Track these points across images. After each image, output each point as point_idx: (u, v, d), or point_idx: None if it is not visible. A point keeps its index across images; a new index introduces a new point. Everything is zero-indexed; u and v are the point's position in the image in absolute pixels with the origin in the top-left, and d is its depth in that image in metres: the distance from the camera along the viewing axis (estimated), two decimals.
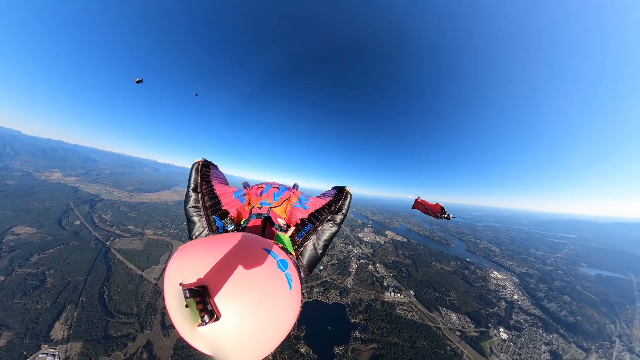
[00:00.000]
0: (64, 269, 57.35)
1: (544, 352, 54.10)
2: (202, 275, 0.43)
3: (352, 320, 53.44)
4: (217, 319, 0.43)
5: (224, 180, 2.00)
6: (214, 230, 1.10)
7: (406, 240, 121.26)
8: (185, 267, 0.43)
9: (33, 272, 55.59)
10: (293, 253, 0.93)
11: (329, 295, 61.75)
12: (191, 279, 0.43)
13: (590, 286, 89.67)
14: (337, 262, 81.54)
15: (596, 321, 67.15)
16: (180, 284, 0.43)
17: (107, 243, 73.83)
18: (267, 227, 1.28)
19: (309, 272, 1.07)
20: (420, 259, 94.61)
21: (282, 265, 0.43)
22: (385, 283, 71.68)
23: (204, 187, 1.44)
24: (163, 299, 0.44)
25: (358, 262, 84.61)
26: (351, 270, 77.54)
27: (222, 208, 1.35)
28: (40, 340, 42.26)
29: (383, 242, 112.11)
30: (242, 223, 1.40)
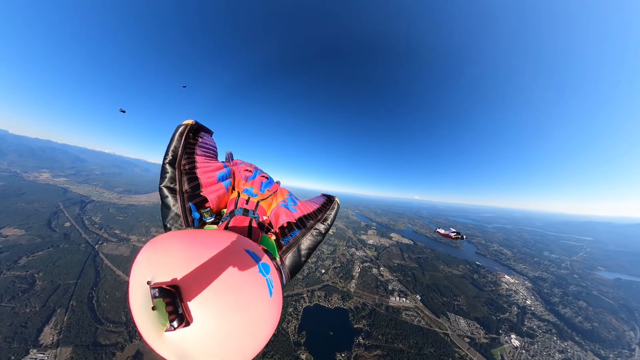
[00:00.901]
0: (53, 272, 57.84)
1: None
2: (175, 274, 0.38)
3: (355, 326, 53.50)
4: (188, 324, 0.38)
5: (212, 152, 1.81)
6: (189, 222, 1.03)
7: (412, 242, 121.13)
8: (156, 262, 0.38)
9: (22, 274, 56.13)
10: (277, 258, 0.94)
11: (331, 299, 61.85)
12: (162, 277, 0.38)
13: (608, 291, 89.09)
14: (339, 265, 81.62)
15: (614, 328, 66.74)
16: (149, 282, 0.38)
17: (96, 247, 74.39)
18: (252, 227, 1.19)
19: (290, 276, 1.10)
20: (427, 262, 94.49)
21: (264, 269, 0.39)
22: (390, 287, 71.67)
23: (184, 161, 1.29)
24: (127, 296, 0.38)
25: (361, 265, 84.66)
26: (354, 273, 77.60)
27: (201, 194, 1.24)
28: (29, 344, 42.60)
29: (388, 245, 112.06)
30: (222, 214, 1.35)
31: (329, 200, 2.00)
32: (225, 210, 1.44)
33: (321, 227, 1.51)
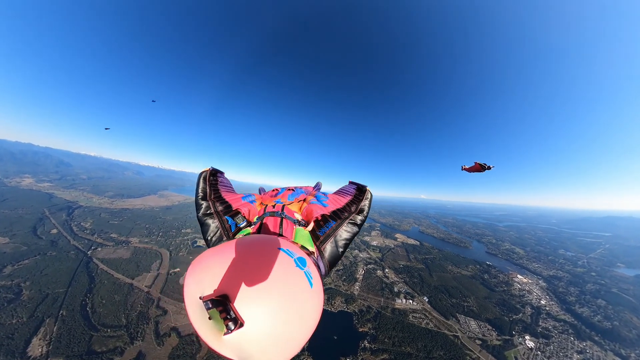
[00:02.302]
0: (41, 281, 58.45)
1: None
2: (219, 285, 0.48)
3: (360, 330, 54.05)
4: (242, 325, 0.48)
5: (230, 188, 2.20)
6: (226, 229, 1.23)
7: (418, 243, 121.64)
8: (201, 280, 0.48)
9: (7, 284, 56.68)
10: (314, 249, 1.01)
11: (334, 302, 62.41)
12: (209, 290, 0.48)
13: (628, 288, 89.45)
14: (341, 267, 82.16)
15: (635, 326, 67.14)
16: (200, 298, 0.48)
17: (88, 253, 75.14)
18: (284, 223, 1.34)
19: (330, 268, 1.14)
20: (435, 263, 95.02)
21: (300, 263, 0.48)
22: (395, 289, 72.19)
23: (212, 195, 1.63)
24: (187, 315, 0.49)
25: (365, 267, 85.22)
26: (358, 276, 78.16)
27: (233, 209, 1.55)
28: (16, 357, 43.09)
29: (393, 246, 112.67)
30: (254, 220, 1.55)
31: (360, 190, 1.98)
32: (256, 217, 1.63)
33: (357, 218, 1.55)
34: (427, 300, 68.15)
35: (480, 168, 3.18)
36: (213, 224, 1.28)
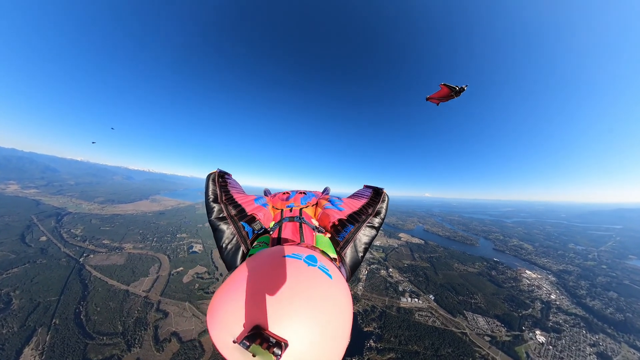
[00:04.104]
0: (32, 289, 58.67)
1: (589, 355, 55.15)
2: (245, 320, 0.49)
3: (365, 329, 54.68)
4: (287, 345, 0.50)
5: (240, 189, 2.14)
6: (243, 235, 1.21)
7: (423, 242, 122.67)
8: (225, 324, 0.49)
9: None
10: (335, 255, 1.03)
11: None
12: (238, 330, 0.49)
13: None
14: None
15: None
16: (234, 342, 0.49)
17: (80, 260, 75.37)
18: (304, 229, 1.34)
19: (351, 274, 1.15)
20: (440, 262, 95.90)
21: (310, 260, 0.50)
22: (400, 288, 72.89)
23: (223, 197, 1.57)
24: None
25: (368, 267, 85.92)
26: (361, 276, 78.80)
27: (248, 214, 1.52)
28: None
29: (396, 246, 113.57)
30: (271, 225, 1.57)
31: (376, 193, 2.00)
32: (273, 223, 1.65)
33: (375, 221, 1.56)
34: (433, 298, 68.87)
35: (449, 92, 2.67)
36: (228, 230, 1.23)
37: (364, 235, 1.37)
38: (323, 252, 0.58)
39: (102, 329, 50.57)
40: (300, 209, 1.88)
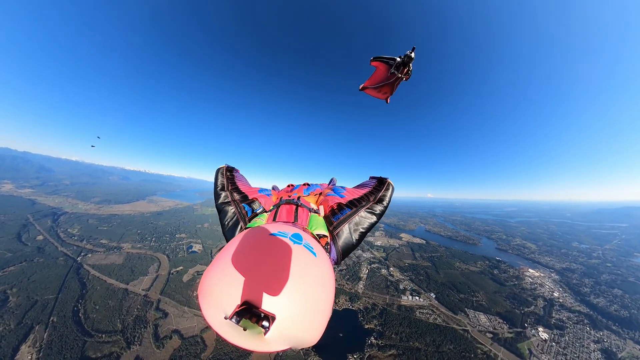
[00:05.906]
0: (29, 288, 59.20)
1: (593, 351, 55.64)
2: (235, 297, 0.54)
3: (366, 327, 55.21)
4: (274, 318, 0.54)
5: (246, 182, 2.45)
6: (243, 214, 1.38)
7: (424, 242, 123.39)
8: (216, 303, 0.54)
9: None
10: (327, 233, 1.12)
11: (338, 301, 63.52)
12: (229, 307, 0.54)
13: None
14: (345, 267, 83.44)
15: None
16: (225, 318, 0.54)
17: (78, 259, 76.00)
18: (299, 211, 1.46)
19: (342, 256, 1.18)
20: (441, 261, 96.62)
21: (296, 238, 0.54)
22: (401, 287, 73.51)
23: (230, 187, 1.84)
24: (225, 341, 0.51)
25: (369, 267, 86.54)
26: (362, 275, 79.44)
27: (250, 198, 1.75)
28: None
29: (397, 246, 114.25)
30: (270, 208, 1.72)
31: (380, 182, 1.95)
32: (272, 205, 1.82)
33: (376, 207, 1.53)
34: (434, 296, 69.45)
35: (388, 71, 1.98)
36: (230, 210, 1.43)
37: (361, 218, 1.38)
38: (311, 233, 0.58)
39: (101, 327, 51.07)
40: (299, 197, 2.05)
